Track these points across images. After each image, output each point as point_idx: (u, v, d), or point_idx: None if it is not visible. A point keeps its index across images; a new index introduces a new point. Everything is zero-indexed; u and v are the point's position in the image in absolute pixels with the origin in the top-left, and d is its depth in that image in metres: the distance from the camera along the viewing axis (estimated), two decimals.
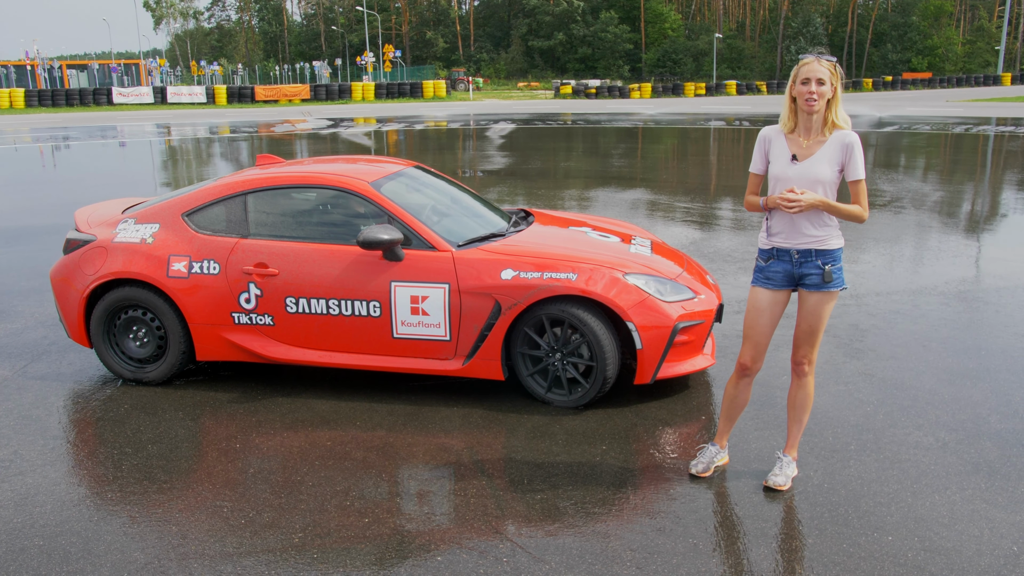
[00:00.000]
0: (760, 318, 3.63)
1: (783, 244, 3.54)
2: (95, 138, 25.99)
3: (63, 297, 5.13)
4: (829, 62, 3.40)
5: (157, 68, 69.84)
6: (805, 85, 3.40)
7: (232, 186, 5.02)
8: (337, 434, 4.35)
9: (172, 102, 47.65)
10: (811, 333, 3.60)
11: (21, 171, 17.31)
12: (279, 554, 3.23)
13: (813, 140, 3.49)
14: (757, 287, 3.65)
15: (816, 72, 3.38)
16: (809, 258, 3.52)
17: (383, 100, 50.94)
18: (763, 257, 3.64)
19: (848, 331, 5.83)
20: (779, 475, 3.70)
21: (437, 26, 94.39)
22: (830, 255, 3.52)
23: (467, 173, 15.67)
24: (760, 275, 3.65)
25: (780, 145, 3.56)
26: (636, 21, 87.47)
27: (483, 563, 3.15)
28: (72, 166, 18.57)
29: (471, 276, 4.59)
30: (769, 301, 3.61)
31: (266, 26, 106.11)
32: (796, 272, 3.55)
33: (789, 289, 3.62)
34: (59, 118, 37.84)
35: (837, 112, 3.45)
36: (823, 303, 3.55)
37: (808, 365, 3.65)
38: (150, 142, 24.65)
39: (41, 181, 15.37)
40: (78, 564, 3.18)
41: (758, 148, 3.63)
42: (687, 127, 28.00)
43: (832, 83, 3.40)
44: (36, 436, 4.36)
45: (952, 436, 4.15)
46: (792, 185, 3.47)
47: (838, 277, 3.54)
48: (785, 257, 3.56)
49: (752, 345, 3.66)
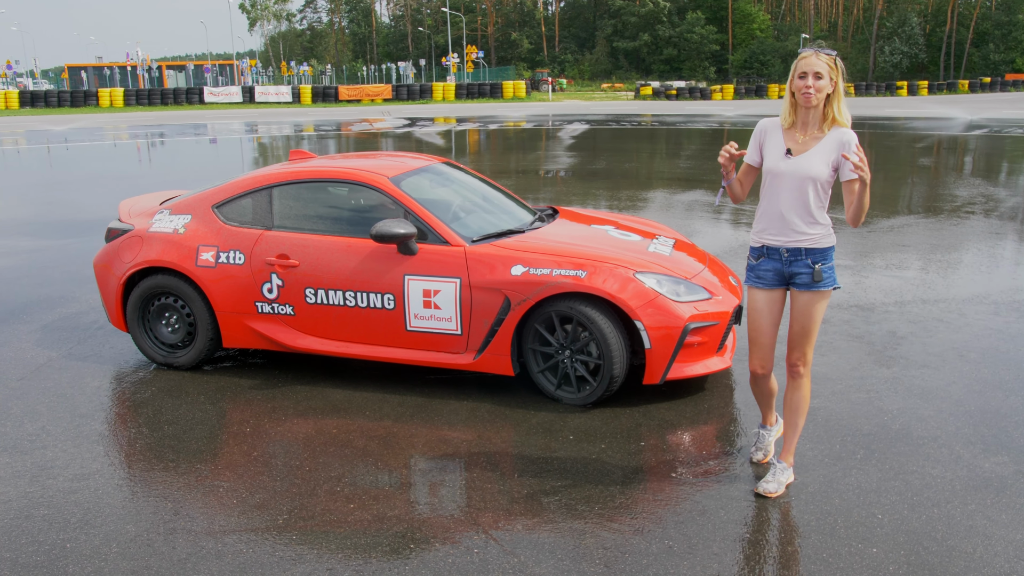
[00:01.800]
0: (760, 319, 3.57)
1: (773, 242, 3.48)
2: (187, 135, 27.12)
3: (103, 283, 5.40)
4: (828, 56, 3.32)
5: (248, 68, 72.31)
6: (803, 79, 3.34)
7: (259, 180, 5.19)
8: (344, 422, 4.45)
9: (259, 101, 49.30)
10: (804, 334, 3.52)
11: (117, 166, 18.23)
12: (260, 533, 3.33)
13: (810, 136, 3.42)
14: (751, 287, 3.59)
15: (814, 66, 3.31)
16: (799, 257, 3.45)
17: (463, 100, 51.47)
18: (753, 255, 3.59)
19: (883, 338, 5.63)
20: (771, 481, 3.61)
21: (522, 27, 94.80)
22: (821, 254, 3.44)
23: (528, 173, 15.71)
24: (751, 274, 3.59)
25: (776, 139, 3.49)
26: (723, 22, 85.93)
27: (453, 552, 3.18)
28: (164, 161, 19.45)
29: (482, 271, 4.63)
30: (765, 301, 3.55)
31: (355, 27, 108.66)
32: (786, 271, 3.49)
33: (783, 288, 3.55)
34: (153, 116, 39.62)
35: (838, 108, 3.38)
36: (814, 303, 3.47)
37: (803, 367, 3.57)
38: (240, 139, 25.57)
39: (133, 176, 16.14)
40: (73, 533, 3.35)
41: (753, 139, 3.55)
42: None
43: (832, 77, 3.33)
44: (65, 413, 4.60)
45: (968, 450, 3.96)
46: (783, 180, 3.40)
47: (829, 276, 3.46)
48: (775, 256, 3.50)
49: (758, 348, 3.61)
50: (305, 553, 3.19)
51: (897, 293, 6.75)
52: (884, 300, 6.55)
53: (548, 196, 12.61)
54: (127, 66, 64.96)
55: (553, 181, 14.45)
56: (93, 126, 32.81)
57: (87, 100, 47.46)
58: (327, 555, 3.18)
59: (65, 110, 45.75)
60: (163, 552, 3.21)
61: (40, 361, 5.46)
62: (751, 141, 3.58)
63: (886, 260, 7.97)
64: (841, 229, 9.51)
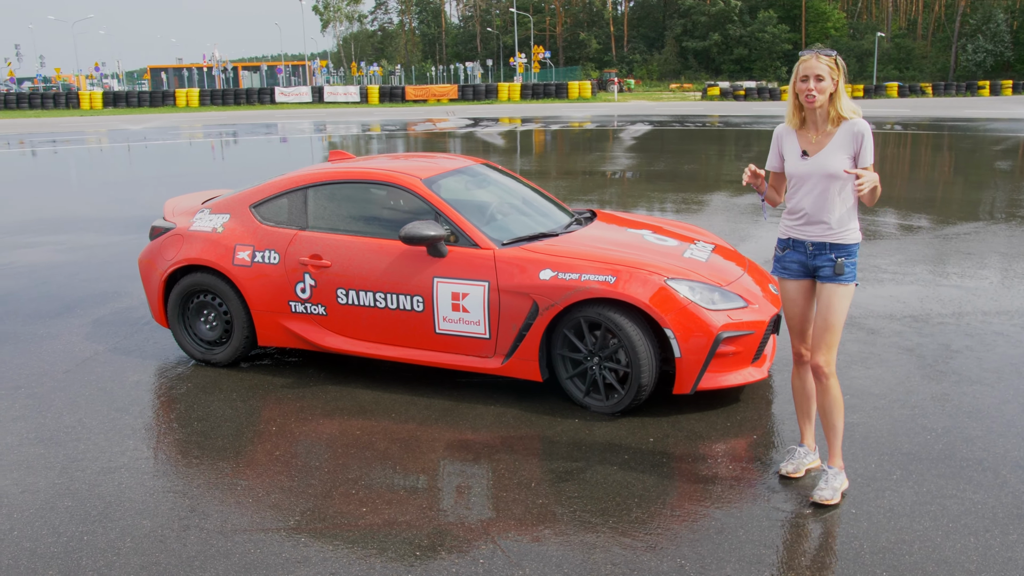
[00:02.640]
0: (793, 307, 3.66)
1: (798, 235, 3.54)
2: (257, 134, 27.79)
3: (147, 280, 5.52)
4: (828, 57, 3.38)
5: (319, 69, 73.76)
6: (804, 82, 3.42)
7: (295, 180, 5.24)
8: (369, 424, 4.45)
9: (328, 101, 50.24)
10: (826, 329, 3.51)
11: (186, 165, 18.77)
12: (271, 534, 3.34)
13: (822, 134, 3.48)
14: (780, 277, 3.67)
15: (814, 69, 3.38)
16: (823, 251, 3.50)
17: (528, 100, 51.48)
18: (780, 247, 3.67)
19: (936, 351, 5.36)
20: (825, 488, 3.55)
21: (591, 27, 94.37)
22: (845, 249, 3.49)
23: (585, 174, 15.58)
24: (778, 265, 3.68)
25: (791, 142, 3.57)
26: (796, 20, 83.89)
27: (459, 562, 3.13)
28: (235, 160, 19.95)
29: (510, 275, 4.57)
30: (795, 290, 3.63)
31: (425, 28, 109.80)
32: (810, 264, 3.55)
33: (810, 279, 3.60)
34: (225, 116, 40.72)
35: (840, 105, 3.43)
36: (835, 296, 3.49)
37: (827, 368, 3.55)
38: (309, 139, 26.08)
39: (202, 174, 16.59)
40: (92, 526, 3.42)
41: (773, 146, 3.65)
42: None
43: (833, 78, 3.40)
44: (103, 406, 4.72)
45: (1016, 474, 3.73)
46: (806, 181, 3.49)
47: (850, 271, 3.50)
48: (800, 248, 3.56)
49: (797, 333, 3.70)
50: (311, 556, 3.19)
51: (956, 303, 6.44)
52: (941, 311, 6.25)
53: (603, 198, 12.48)
54: (204, 67, 66.99)
55: (608, 182, 14.30)
56: (167, 125, 33.91)
57: (165, 100, 49.09)
58: (332, 558, 3.17)
59: (144, 110, 47.43)
60: (174, 549, 3.24)
61: (87, 354, 5.62)
62: (771, 148, 3.68)
63: (948, 268, 7.62)
64: (904, 235, 9.14)
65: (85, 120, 39.18)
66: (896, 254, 8.23)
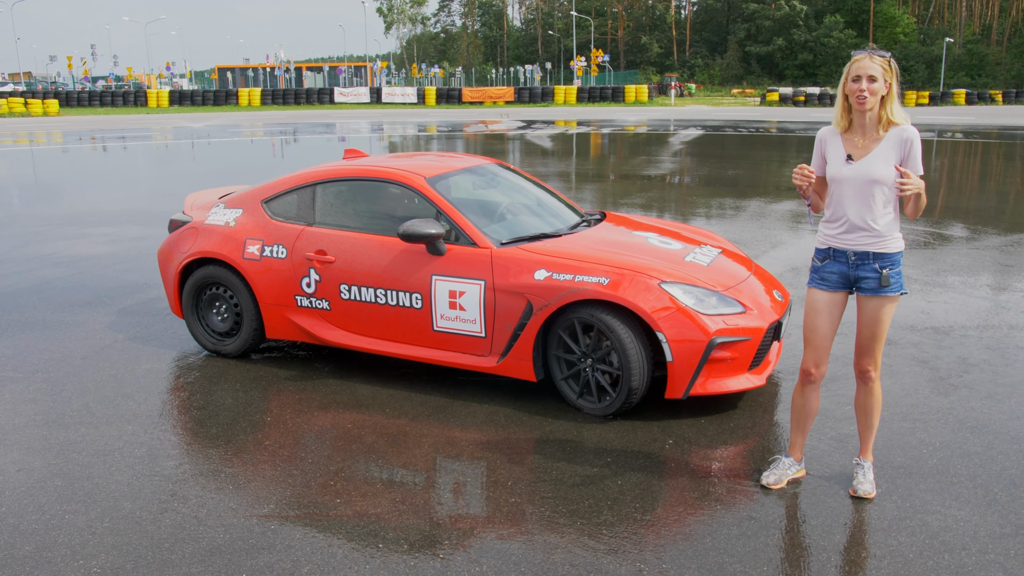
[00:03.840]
0: (818, 319, 3.51)
1: (840, 245, 3.43)
2: (312, 133, 28.32)
3: (164, 272, 5.69)
4: (882, 58, 3.27)
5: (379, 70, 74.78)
6: (856, 83, 3.29)
7: (305, 176, 5.34)
8: (362, 418, 4.50)
9: (386, 102, 50.95)
10: (872, 339, 3.45)
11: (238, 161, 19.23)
12: (242, 519, 3.41)
13: (869, 139, 3.36)
14: (813, 288, 3.54)
15: (867, 69, 3.26)
16: (866, 261, 3.39)
17: (584, 104, 51.36)
18: (819, 257, 3.54)
19: (951, 364, 5.19)
20: (864, 482, 3.58)
21: (652, 31, 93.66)
22: (889, 259, 3.38)
23: (625, 178, 15.47)
24: (815, 275, 3.55)
25: (836, 145, 3.45)
26: (864, 25, 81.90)
27: (418, 555, 3.16)
28: (295, 157, 20.38)
29: (506, 274, 4.58)
30: (827, 302, 3.49)
31: (487, 31, 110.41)
32: (852, 274, 3.43)
33: (846, 291, 3.49)
34: (284, 115, 41.59)
35: (892, 109, 3.31)
36: (881, 308, 3.40)
37: (874, 371, 3.51)
38: (368, 138, 26.49)
39: (254, 170, 16.99)
40: (75, 506, 3.54)
41: (816, 150, 3.54)
42: None
43: (886, 79, 3.27)
44: (111, 392, 4.87)
45: (1008, 493, 3.59)
46: (849, 186, 3.37)
47: (896, 282, 3.39)
48: (841, 258, 3.44)
49: (813, 349, 3.55)
50: (276, 543, 3.25)
51: (983, 316, 6.22)
52: (965, 323, 6.05)
53: (638, 202, 12.39)
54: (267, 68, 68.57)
55: (646, 186, 14.18)
56: (228, 124, 34.79)
57: (228, 99, 50.40)
58: (296, 546, 3.22)
59: (208, 108, 48.76)
60: (148, 531, 3.34)
61: (107, 342, 5.81)
62: (814, 152, 3.57)
63: (982, 279, 7.36)
64: (941, 244, 8.86)
65: (151, 118, 40.47)
66: (930, 263, 7.98)
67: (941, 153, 20.92)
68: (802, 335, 3.58)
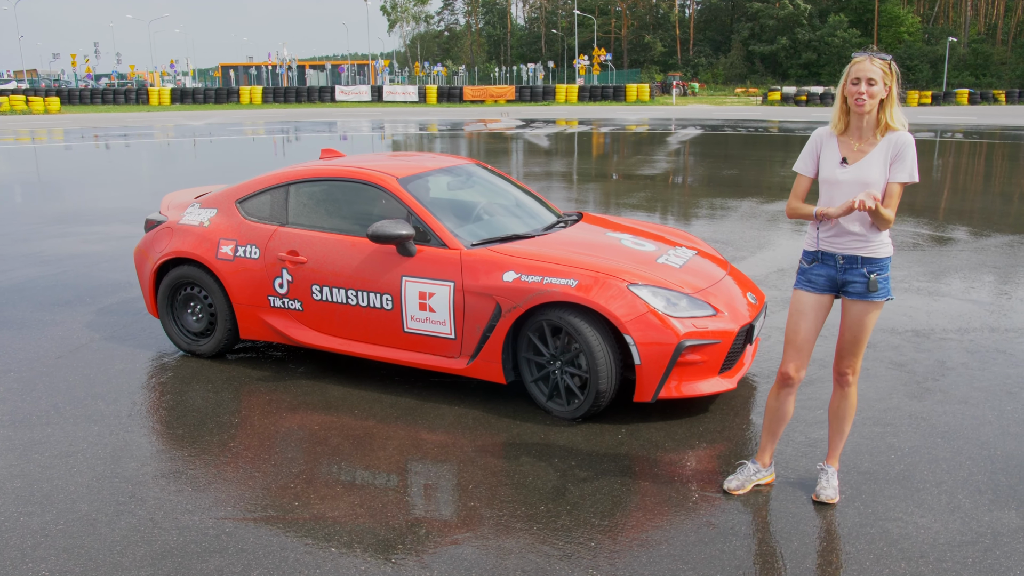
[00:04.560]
0: (803, 322, 3.46)
1: (829, 248, 3.38)
2: (310, 131, 28.31)
3: (140, 272, 5.67)
4: (883, 61, 3.21)
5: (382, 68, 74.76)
6: (855, 85, 3.24)
7: (279, 177, 5.31)
8: (329, 419, 4.48)
9: (387, 100, 50.97)
10: (855, 343, 3.43)
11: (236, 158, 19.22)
12: (199, 522, 3.39)
13: (865, 143, 3.31)
14: (799, 290, 3.49)
15: (867, 71, 3.20)
16: (855, 265, 3.35)
17: (585, 103, 51.29)
18: (807, 259, 3.49)
19: (929, 368, 5.15)
20: (827, 487, 3.56)
21: (656, 30, 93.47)
22: (877, 263, 3.34)
23: (613, 177, 15.43)
24: (802, 277, 3.50)
25: (831, 148, 3.38)
26: (868, 25, 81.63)
27: (370, 560, 3.13)
28: (295, 155, 20.36)
29: (475, 276, 4.55)
30: (812, 305, 3.45)
31: (491, 29, 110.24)
32: (839, 278, 3.39)
33: (832, 295, 3.45)
34: (285, 113, 41.59)
35: (892, 113, 3.26)
36: (867, 313, 3.38)
37: (852, 375, 3.49)
38: (369, 136, 26.47)
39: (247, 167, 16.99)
40: (31, 508, 3.52)
41: (809, 150, 3.44)
42: None
43: (885, 83, 3.22)
44: (81, 392, 4.85)
45: (972, 499, 3.56)
46: (842, 190, 3.30)
47: (884, 287, 3.35)
48: (830, 261, 3.40)
49: (795, 351, 3.49)
50: (229, 546, 3.22)
51: (964, 319, 6.17)
52: (946, 326, 6.01)
53: (629, 202, 12.35)
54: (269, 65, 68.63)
55: (636, 186, 14.13)
56: (227, 122, 34.79)
57: (229, 97, 50.43)
58: (248, 549, 3.20)
59: (209, 106, 48.78)
60: (102, 533, 3.32)
61: (83, 341, 5.80)
62: (806, 153, 3.47)
63: (969, 282, 7.32)
64: (931, 246, 8.81)
65: (151, 116, 40.50)
66: (918, 265, 7.94)
67: (937, 153, 20.84)
68: (784, 336, 3.52)
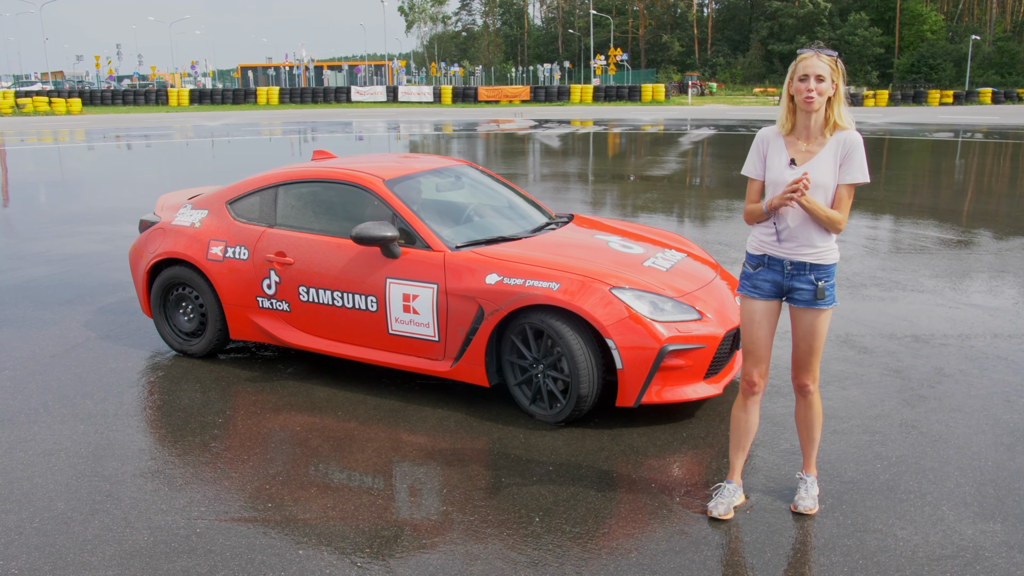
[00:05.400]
0: (757, 330, 3.39)
1: (776, 253, 3.29)
2: (332, 131, 28.42)
3: (134, 272, 5.70)
4: (830, 57, 3.14)
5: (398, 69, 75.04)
6: (803, 82, 3.15)
7: (268, 178, 5.32)
8: (312, 420, 4.48)
9: (402, 101, 51.07)
10: (810, 353, 3.36)
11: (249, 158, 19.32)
12: (171, 522, 3.39)
13: (814, 142, 3.23)
14: (747, 297, 3.41)
15: (815, 68, 3.12)
16: (802, 271, 3.27)
17: (600, 103, 51.15)
18: (751, 263, 3.40)
19: (926, 375, 5.07)
20: (806, 498, 3.49)
21: (674, 30, 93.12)
22: (825, 270, 3.27)
23: (619, 179, 15.36)
24: (747, 283, 3.41)
25: (778, 148, 3.30)
26: (890, 23, 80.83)
27: (336, 563, 3.12)
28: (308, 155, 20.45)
29: (458, 278, 4.53)
30: (763, 311, 3.37)
31: (508, 29, 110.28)
32: (786, 284, 3.31)
33: (779, 300, 3.38)
34: (300, 113, 41.80)
35: (839, 112, 3.19)
36: (817, 321, 3.31)
37: (812, 384, 3.42)
38: (386, 136, 26.53)
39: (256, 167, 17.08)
40: (9, 506, 3.54)
41: (755, 151, 3.36)
42: (899, 138, 25.51)
43: (833, 80, 3.14)
44: (71, 391, 4.88)
45: (955, 512, 3.49)
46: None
47: (831, 294, 3.28)
48: (776, 267, 3.32)
49: (755, 360, 3.42)
50: (198, 546, 3.22)
51: (967, 324, 6.08)
52: (948, 331, 5.92)
53: (635, 203, 12.28)
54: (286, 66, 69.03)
55: (639, 187, 14.06)
56: (242, 122, 35.01)
57: (247, 98, 50.73)
58: (217, 551, 3.19)
59: (227, 107, 49.10)
60: (75, 532, 3.33)
61: (78, 340, 5.83)
62: (752, 155, 3.38)
63: (974, 286, 7.21)
64: (938, 249, 8.69)
65: (170, 116, 40.83)
66: (923, 269, 7.83)
67: (951, 154, 20.59)
68: (742, 346, 3.46)
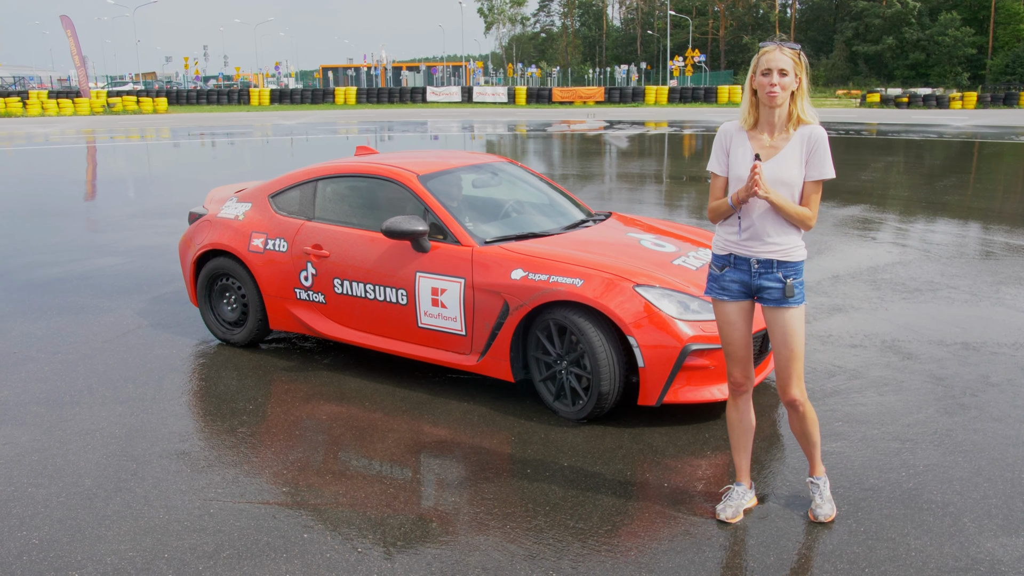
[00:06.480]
0: (734, 332, 3.34)
1: (742, 251, 3.23)
2: (408, 131, 28.89)
3: (182, 263, 5.91)
4: (792, 50, 3.08)
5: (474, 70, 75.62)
6: (766, 76, 3.09)
7: (309, 172, 5.45)
8: (338, 410, 4.57)
9: (477, 101, 51.44)
10: (792, 358, 3.25)
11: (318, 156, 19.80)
12: (185, 502, 3.51)
13: (778, 137, 3.17)
14: (717, 300, 3.35)
15: (778, 62, 3.06)
16: (770, 269, 3.20)
17: (675, 104, 50.52)
18: (717, 264, 3.33)
19: (969, 383, 4.86)
20: (823, 504, 3.39)
21: (755, 31, 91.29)
22: (792, 267, 3.20)
23: (674, 179, 15.14)
24: (715, 285, 3.34)
25: (741, 143, 3.23)
26: (984, 22, 77.43)
27: (339, 548, 3.18)
28: None
29: (485, 273, 4.56)
30: (736, 312, 3.32)
31: (586, 30, 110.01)
32: (754, 283, 3.24)
33: (750, 300, 3.31)
34: (375, 113, 42.56)
35: (803, 106, 3.13)
36: (791, 322, 3.22)
37: (800, 395, 3.30)
38: (461, 136, 26.87)
39: None
40: (42, 480, 3.72)
41: (717, 147, 3.30)
42: (982, 140, 24.40)
43: (796, 74, 3.08)
44: (116, 375, 5.10)
45: (977, 524, 3.34)
46: None
47: (800, 292, 3.19)
48: (743, 266, 3.25)
49: (737, 361, 3.38)
50: (208, 526, 3.33)
51: (1023, 332, 5.80)
52: (1001, 339, 5.65)
53: (685, 204, 12.10)
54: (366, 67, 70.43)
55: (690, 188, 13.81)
56: (317, 121, 35.84)
57: (325, 98, 51.95)
58: (225, 531, 3.29)
59: (306, 106, 50.36)
60: (97, 507, 3.48)
61: (130, 327, 6.09)
62: (715, 150, 3.32)
63: None
64: (1004, 254, 8.30)
65: (250, 115, 42.12)
66: (986, 275, 7.50)
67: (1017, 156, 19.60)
68: (723, 349, 3.39)
